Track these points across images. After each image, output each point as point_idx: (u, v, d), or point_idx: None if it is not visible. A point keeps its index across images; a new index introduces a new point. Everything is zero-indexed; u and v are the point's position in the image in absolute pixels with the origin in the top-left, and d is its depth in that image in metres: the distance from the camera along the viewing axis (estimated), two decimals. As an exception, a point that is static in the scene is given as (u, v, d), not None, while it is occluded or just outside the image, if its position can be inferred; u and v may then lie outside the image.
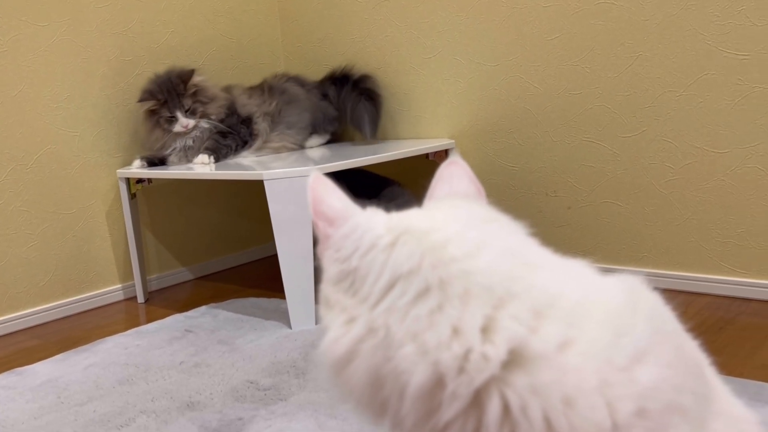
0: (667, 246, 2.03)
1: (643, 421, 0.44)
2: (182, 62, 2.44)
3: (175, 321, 2.02)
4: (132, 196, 2.28)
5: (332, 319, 0.54)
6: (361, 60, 2.61)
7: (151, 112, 2.21)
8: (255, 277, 2.52)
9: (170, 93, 2.18)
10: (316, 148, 2.47)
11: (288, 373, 1.58)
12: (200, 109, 2.23)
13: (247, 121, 2.32)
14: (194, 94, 2.22)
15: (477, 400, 0.47)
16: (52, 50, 2.17)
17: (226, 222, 2.69)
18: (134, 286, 2.36)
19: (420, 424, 0.49)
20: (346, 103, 2.49)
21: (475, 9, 2.28)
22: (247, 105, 2.36)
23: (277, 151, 2.38)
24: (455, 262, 0.50)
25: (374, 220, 0.56)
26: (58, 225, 2.22)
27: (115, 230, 2.35)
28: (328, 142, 2.55)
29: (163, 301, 2.33)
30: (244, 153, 2.30)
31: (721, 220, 1.93)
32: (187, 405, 1.46)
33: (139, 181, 2.29)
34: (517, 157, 2.29)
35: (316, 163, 1.96)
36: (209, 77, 2.38)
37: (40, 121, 2.16)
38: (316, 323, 1.89)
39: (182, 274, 2.55)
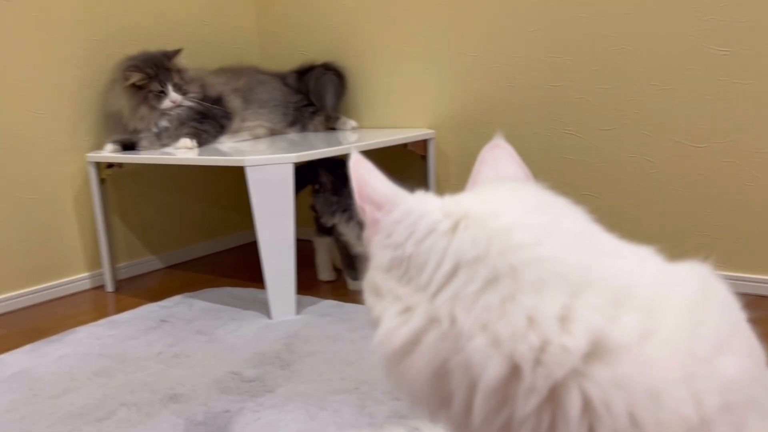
0: (647, 239, 2.04)
1: (728, 415, 0.43)
2: (154, 45, 2.36)
3: (149, 311, 1.96)
4: (101, 182, 2.21)
5: (384, 309, 0.51)
6: (338, 46, 2.56)
7: (137, 88, 2.12)
8: (227, 266, 2.47)
9: (158, 67, 2.11)
10: (294, 134, 2.43)
11: (272, 365, 1.54)
12: (184, 87, 2.17)
13: (219, 101, 2.26)
14: (179, 71, 2.16)
15: (554, 395, 0.44)
16: (19, 27, 2.07)
17: (197, 210, 2.62)
18: (102, 274, 2.28)
19: (490, 419, 0.46)
20: (309, 80, 2.47)
21: (457, -2, 2.26)
22: (216, 85, 2.31)
23: (253, 132, 2.33)
24: (525, 249, 0.48)
25: (428, 204, 0.53)
26: (24, 210, 2.13)
27: (82, 216, 2.27)
28: (304, 130, 2.50)
29: (133, 290, 2.26)
30: (222, 138, 2.24)
31: (699, 213, 1.95)
32: (170, 397, 1.41)
33: (110, 165, 2.21)
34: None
35: (297, 150, 1.92)
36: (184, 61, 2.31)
37: (5, 100, 2.06)
38: (297, 313, 1.86)
39: (152, 262, 2.48)
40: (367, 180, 0.54)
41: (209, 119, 2.19)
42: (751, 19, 1.79)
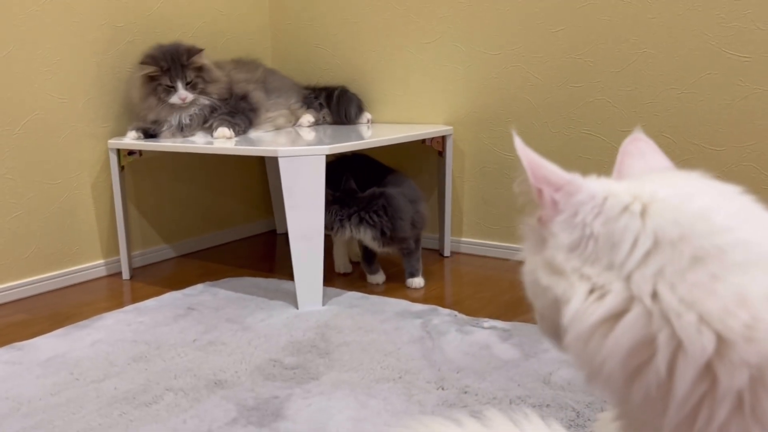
0: (660, 238, 2.10)
1: None
2: (173, 32, 2.36)
3: (174, 298, 1.96)
4: (121, 169, 2.20)
5: (570, 288, 0.53)
6: (354, 42, 2.58)
7: (150, 79, 2.13)
8: (243, 256, 2.47)
9: (174, 62, 2.11)
10: (311, 127, 2.44)
11: (311, 353, 1.56)
12: (200, 86, 2.17)
13: (245, 98, 2.27)
14: (198, 69, 2.16)
15: (760, 371, 0.47)
16: (44, 11, 2.06)
17: (212, 200, 2.62)
18: (118, 261, 2.28)
19: (691, 392, 0.48)
20: (331, 95, 2.54)
21: (480, -3, 2.29)
22: (241, 82, 2.32)
23: (275, 123, 2.35)
24: (729, 231, 0.51)
25: (613, 186, 0.56)
26: (43, 196, 2.11)
27: (100, 203, 2.26)
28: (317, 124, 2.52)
29: (149, 278, 2.26)
30: (251, 131, 2.25)
31: (714, 214, 2.01)
32: (215, 383, 1.42)
33: (130, 153, 2.21)
34: (514, 147, 2.32)
35: (327, 142, 1.94)
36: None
37: (29, 85, 2.05)
38: (323, 304, 1.87)
39: (165, 251, 2.48)
40: (541, 162, 0.56)
41: (239, 114, 2.21)
42: (774, 27, 1.85)
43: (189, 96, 2.12)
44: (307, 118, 2.47)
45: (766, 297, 0.48)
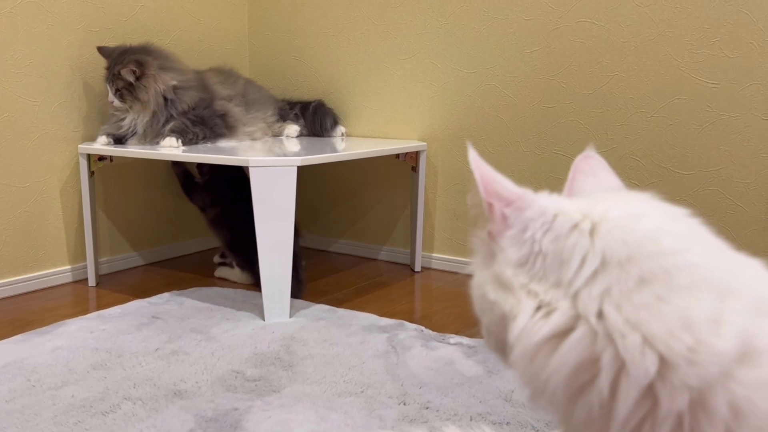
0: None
1: None
2: (150, 38, 2.35)
3: (139, 307, 1.94)
4: (91, 174, 2.18)
5: (517, 304, 0.53)
6: (331, 54, 2.59)
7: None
8: (211, 266, 2.45)
9: (111, 66, 2.09)
10: (298, 138, 2.47)
11: (274, 365, 1.55)
12: (128, 98, 2.09)
13: (224, 116, 2.25)
14: (126, 83, 2.07)
15: (702, 392, 0.47)
16: (17, 12, 2.04)
17: (182, 208, 2.60)
18: (85, 268, 2.25)
19: (632, 414, 0.48)
20: (306, 108, 2.56)
21: (456, 15, 2.31)
22: (223, 99, 2.29)
23: (252, 136, 2.35)
24: (677, 254, 0.51)
25: (563, 204, 0.56)
26: (11, 198, 2.08)
27: (68, 208, 2.23)
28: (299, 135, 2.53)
29: (115, 285, 2.23)
30: (219, 141, 2.23)
31: (680, 237, 2.03)
32: (174, 393, 1.40)
33: (101, 158, 2.18)
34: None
35: (299, 154, 1.93)
36: (179, 56, 2.29)
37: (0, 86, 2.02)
38: (290, 316, 1.86)
39: (133, 258, 2.45)
40: (494, 176, 0.56)
41: (202, 125, 2.17)
42: (741, 56, 1.89)
43: (116, 101, 2.11)
44: (294, 128, 2.48)
45: (710, 320, 0.48)
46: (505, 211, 0.56)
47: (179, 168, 2.36)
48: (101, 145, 2.12)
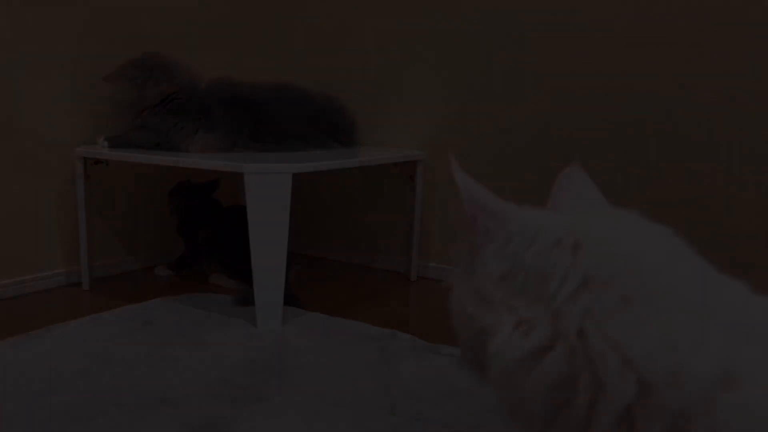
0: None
1: None
2: (151, 45, 2.34)
3: (132, 311, 1.93)
4: (87, 177, 2.17)
5: (497, 320, 0.52)
6: (335, 63, 2.58)
7: None
8: (204, 272, 2.44)
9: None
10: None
11: (264, 373, 1.53)
12: None
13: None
14: None
15: (680, 417, 0.46)
16: (16, 15, 2.04)
17: (177, 213, 2.59)
18: (79, 271, 2.24)
19: None
20: None
21: (455, 24, 2.30)
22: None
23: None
24: (660, 274, 0.50)
25: (546, 218, 0.55)
26: (6, 200, 2.07)
27: (63, 211, 2.22)
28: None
29: (110, 289, 2.22)
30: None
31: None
32: (161, 400, 1.39)
33: (97, 161, 2.18)
34: (483, 177, 2.32)
35: (294, 161, 1.92)
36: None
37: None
38: (283, 324, 1.85)
39: (128, 262, 2.44)
40: (478, 189, 0.55)
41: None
42: (739, 64, 1.87)
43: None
44: None
45: (691, 343, 0.47)
46: (488, 224, 0.54)
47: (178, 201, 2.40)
48: (100, 148, 2.11)
